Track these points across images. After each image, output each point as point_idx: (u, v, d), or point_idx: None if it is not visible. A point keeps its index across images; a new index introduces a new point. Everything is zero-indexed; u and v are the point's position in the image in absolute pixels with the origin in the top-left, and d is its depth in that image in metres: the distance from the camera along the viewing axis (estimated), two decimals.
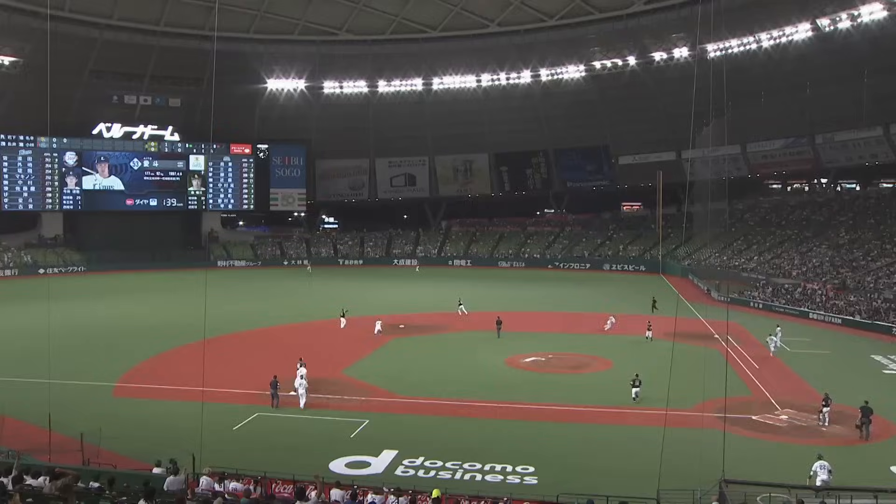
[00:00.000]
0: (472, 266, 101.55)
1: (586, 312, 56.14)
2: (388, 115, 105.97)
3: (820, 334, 47.22)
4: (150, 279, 78.70)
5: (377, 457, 23.02)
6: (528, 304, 61.50)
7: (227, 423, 26.31)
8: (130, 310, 55.92)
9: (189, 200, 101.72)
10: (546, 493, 18.00)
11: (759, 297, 61.59)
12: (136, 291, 68.54)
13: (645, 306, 55.83)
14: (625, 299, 60.94)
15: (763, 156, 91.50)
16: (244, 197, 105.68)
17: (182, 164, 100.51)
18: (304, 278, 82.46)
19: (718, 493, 16.61)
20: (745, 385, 32.47)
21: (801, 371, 35.49)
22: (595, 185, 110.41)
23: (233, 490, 16.50)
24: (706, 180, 66.56)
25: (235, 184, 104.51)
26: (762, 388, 31.88)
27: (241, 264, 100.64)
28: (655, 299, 57.18)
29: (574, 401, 30.07)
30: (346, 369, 35.76)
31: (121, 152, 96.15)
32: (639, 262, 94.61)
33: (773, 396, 29.98)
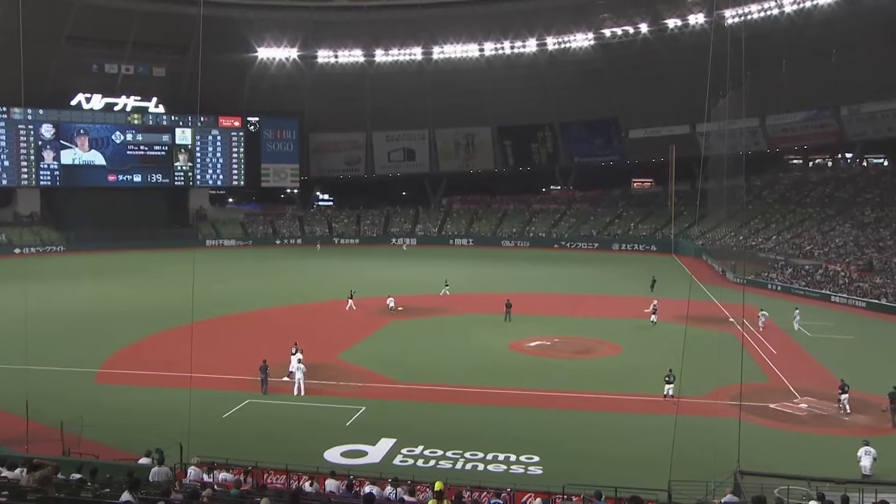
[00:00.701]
0: (474, 245, 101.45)
1: (594, 294, 56.16)
2: (386, 86, 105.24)
3: (843, 318, 47.18)
4: (134, 259, 78.71)
5: (374, 445, 23.05)
6: (532, 285, 61.44)
7: (217, 411, 26.33)
8: (113, 292, 55.92)
9: (175, 176, 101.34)
10: (551, 483, 18.04)
11: (778, 278, 61.49)
12: (119, 272, 68.53)
13: (658, 289, 55.75)
14: (635, 280, 60.88)
15: (783, 129, 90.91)
16: (234, 172, 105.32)
17: (167, 138, 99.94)
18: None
19: (733, 485, 16.59)
20: (762, 371, 32.45)
21: (822, 357, 35.47)
22: (604, 160, 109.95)
23: (222, 481, 16.52)
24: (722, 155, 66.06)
25: (224, 159, 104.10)
26: (780, 375, 31.86)
27: (231, 243, 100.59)
28: (655, 279, 57.43)
29: (581, 387, 30.10)
30: (341, 353, 35.79)
31: (101, 125, 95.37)
32: (650, 241, 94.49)
33: (792, 383, 29.97)
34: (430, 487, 17.27)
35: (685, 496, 16.17)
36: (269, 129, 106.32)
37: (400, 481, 17.42)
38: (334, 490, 16.94)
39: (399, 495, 16.58)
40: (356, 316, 46.00)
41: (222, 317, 45.16)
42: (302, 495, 15.58)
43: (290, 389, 29.11)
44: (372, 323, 43.78)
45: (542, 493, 17.56)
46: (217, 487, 15.14)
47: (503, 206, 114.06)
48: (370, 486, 17.02)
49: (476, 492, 17.82)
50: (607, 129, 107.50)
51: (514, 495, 17.58)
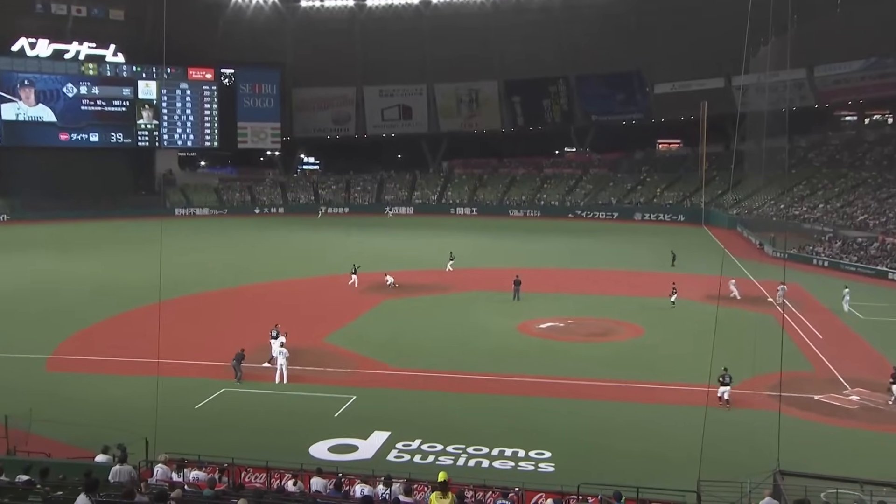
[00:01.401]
0: (478, 215, 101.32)
1: (613, 270, 56.08)
2: (379, 34, 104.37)
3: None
4: (91, 230, 78.63)
5: (366, 439, 23.05)
6: (543, 259, 61.32)
7: (188, 401, 26.30)
8: (66, 267, 55.86)
9: (139, 136, 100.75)
10: (565, 482, 18.01)
11: (825, 252, 61.36)
12: (73, 245, 68.45)
13: (683, 264, 55.73)
14: (659, 255, 60.79)
15: (835, 81, 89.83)
16: (206, 132, 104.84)
17: (129, 92, 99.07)
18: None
19: (772, 487, 16.54)
20: (806, 358, 32.35)
21: (877, 342, 35.37)
22: (625, 119, 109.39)
23: (194, 480, 16.49)
24: (762, 112, 65.54)
25: (195, 116, 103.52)
26: (827, 363, 31.75)
27: (204, 212, 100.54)
28: (675, 253, 57.43)
29: (598, 374, 30.06)
30: (328, 336, 35.77)
31: (50, 75, 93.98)
32: (677, 210, 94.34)
33: (841, 372, 29.88)
34: (428, 486, 17.27)
35: (716, 498, 16.12)
36: (245, 83, 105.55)
37: (394, 479, 17.41)
38: (321, 490, 16.92)
39: (394, 495, 16.56)
40: (345, 294, 45.92)
41: (194, 295, 45.07)
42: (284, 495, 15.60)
43: (272, 377, 29.08)
44: (363, 301, 43.73)
45: (554, 494, 17.52)
46: (188, 488, 15.11)
47: (511, 171, 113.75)
48: (361, 486, 16.99)
49: (480, 491, 17.80)
50: (629, 83, 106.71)
51: (523, 495, 17.55)
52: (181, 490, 13.94)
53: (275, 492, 16.41)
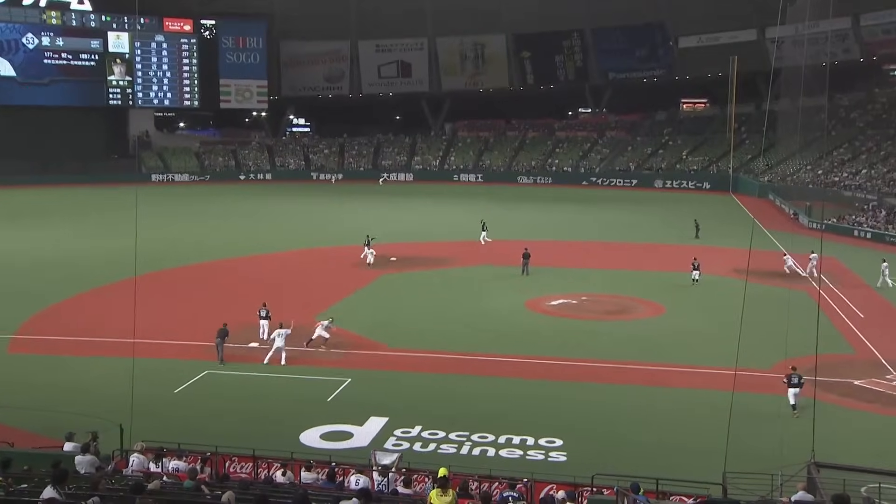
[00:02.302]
0: (484, 182, 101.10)
1: (631, 243, 56.04)
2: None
3: None
4: (58, 198, 78.55)
5: (361, 426, 23.09)
6: (555, 231, 61.27)
7: (167, 385, 26.32)
8: (31, 238, 55.75)
9: (110, 94, 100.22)
10: (578, 472, 18.02)
11: (868, 223, 61.18)
12: (38, 214, 68.40)
13: (708, 236, 55.61)
14: (682, 226, 60.67)
15: (884, 30, 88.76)
16: (185, 90, 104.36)
17: (98, 44, 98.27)
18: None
19: (806, 480, 16.53)
20: (845, 339, 32.30)
21: None
22: (646, 77, 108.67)
23: (173, 470, 16.53)
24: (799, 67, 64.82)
25: (173, 72, 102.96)
26: (868, 344, 31.63)
27: (183, 178, 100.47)
28: (699, 224, 57.31)
29: (615, 356, 30.07)
30: (320, 314, 35.73)
31: (7, 24, 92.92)
32: (702, 177, 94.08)
33: (885, 355, 29.76)
34: (429, 476, 17.31)
35: (744, 491, 16.09)
36: (228, 36, 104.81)
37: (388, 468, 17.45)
38: (312, 480, 16.98)
39: (391, 486, 16.61)
40: (338, 268, 45.92)
41: (173, 269, 45.05)
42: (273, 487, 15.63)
43: (259, 358, 29.12)
44: (358, 276, 43.73)
45: (565, 485, 17.57)
46: (167, 479, 15.13)
47: (520, 135, 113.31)
48: (356, 476, 17.04)
49: (485, 482, 17.85)
50: (651, 36, 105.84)
51: (532, 487, 17.59)
52: (160, 481, 13.96)
53: (262, 482, 16.45)
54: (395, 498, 15.56)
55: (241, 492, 13.14)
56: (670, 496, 16.88)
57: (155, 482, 13.65)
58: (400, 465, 18.36)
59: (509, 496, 16.11)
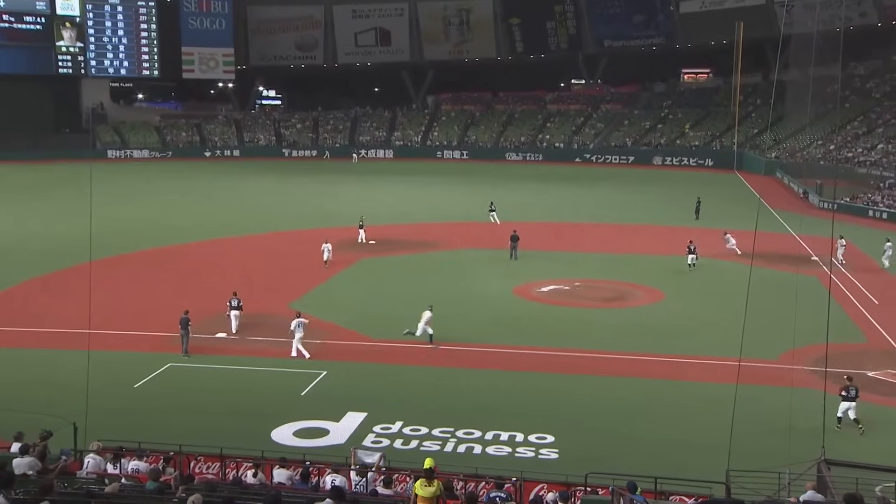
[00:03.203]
0: (470, 159, 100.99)
1: (627, 224, 56.21)
2: None
3: None
4: (4, 176, 77.62)
5: (338, 422, 23.15)
6: (545, 212, 61.39)
7: (126, 379, 26.21)
8: None
9: (59, 61, 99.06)
10: (570, 471, 18.09)
11: (884, 202, 61.56)
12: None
13: (710, 217, 55.82)
14: (682, 206, 60.90)
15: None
16: (143, 58, 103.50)
17: (43, 6, 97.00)
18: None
19: (815, 479, 16.65)
20: (858, 328, 32.53)
21: None
22: (644, 45, 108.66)
23: (133, 471, 16.46)
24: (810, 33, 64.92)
25: (129, 39, 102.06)
26: (884, 333, 31.89)
27: (143, 155, 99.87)
28: (700, 203, 57.54)
29: (611, 346, 30.22)
30: (293, 302, 35.72)
31: None
32: (704, 153, 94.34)
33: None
34: (411, 475, 17.35)
35: (749, 491, 16.20)
36: (190, 0, 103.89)
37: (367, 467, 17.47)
38: (285, 481, 16.97)
39: (370, 486, 16.62)
40: (314, 253, 45.83)
41: (132, 253, 44.85)
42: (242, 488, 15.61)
43: (228, 349, 29.09)
44: (336, 260, 43.59)
45: (557, 485, 17.64)
46: (126, 480, 15.06)
47: (508, 108, 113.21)
48: (332, 475, 17.04)
49: (471, 481, 17.90)
50: (650, 1, 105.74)
51: (522, 486, 17.65)
52: (118, 483, 13.89)
53: (231, 484, 16.41)
54: (375, 499, 15.56)
55: (207, 494, 13.10)
56: (670, 496, 16.98)
57: (113, 485, 13.58)
58: (383, 465, 18.38)
59: (497, 497, 16.15)
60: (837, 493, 15.17)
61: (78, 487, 13.52)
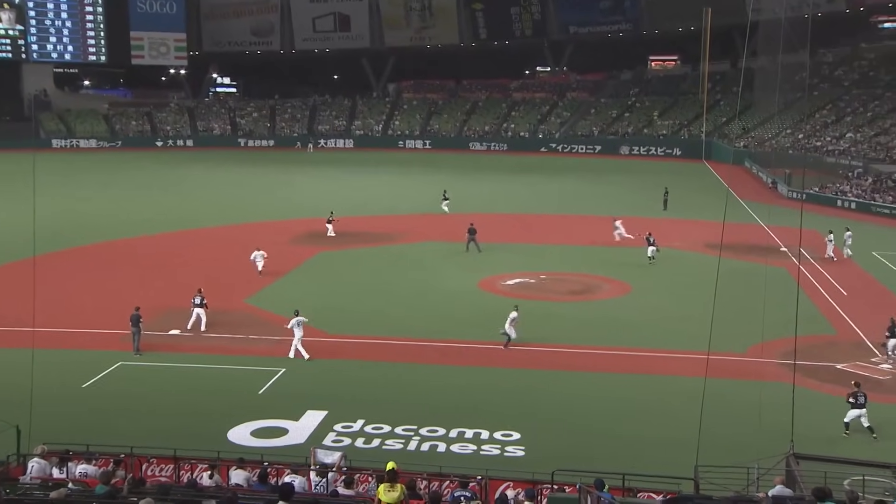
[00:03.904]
0: (432, 149, 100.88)
1: (594, 216, 56.46)
2: None
3: None
4: None
5: (297, 421, 23.11)
6: (510, 203, 61.57)
7: (73, 379, 25.93)
8: None
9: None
10: (537, 468, 18.20)
11: (852, 192, 62.45)
12: None
13: (678, 208, 56.33)
14: (651, 196, 61.35)
15: None
16: (90, 43, 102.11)
17: None
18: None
19: (784, 473, 16.89)
20: (826, 320, 32.99)
21: None
22: (611, 31, 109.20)
23: (81, 476, 16.29)
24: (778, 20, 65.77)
25: (74, 22, 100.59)
26: (852, 325, 32.31)
27: (90, 144, 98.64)
28: (668, 193, 58.05)
29: (578, 340, 30.36)
30: (249, 297, 35.59)
31: None
32: (672, 142, 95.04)
33: (870, 336, 30.38)
34: (373, 475, 17.35)
35: (718, 486, 16.38)
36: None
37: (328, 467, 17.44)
38: (242, 483, 16.89)
39: (330, 487, 16.59)
40: (270, 246, 45.59)
41: (79, 248, 44.39)
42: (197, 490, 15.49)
43: (181, 346, 28.92)
44: (293, 254, 43.47)
45: (523, 483, 17.72)
46: (73, 485, 14.88)
47: (472, 96, 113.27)
48: (291, 476, 16.99)
49: (435, 481, 17.92)
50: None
51: (487, 485, 17.69)
52: (65, 489, 13.72)
53: (185, 486, 16.29)
54: (335, 500, 15.53)
55: (160, 497, 12.99)
56: (638, 493, 17.11)
57: (59, 490, 13.42)
58: (343, 465, 18.35)
59: (461, 496, 16.18)
60: (806, 488, 15.40)
61: (21, 493, 13.33)
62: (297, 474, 17.24)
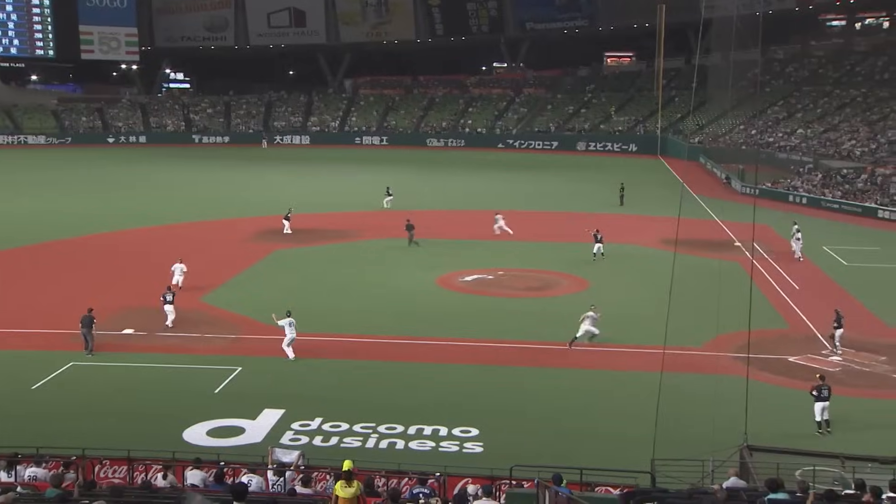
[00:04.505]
0: (389, 145, 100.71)
1: (551, 212, 56.90)
2: None
3: (894, 241, 48.86)
4: None
5: (254, 420, 22.98)
6: (468, 199, 61.68)
7: (22, 381, 25.58)
8: None
9: None
10: (495, 464, 18.27)
11: (803, 187, 63.39)
12: None
13: (634, 203, 56.77)
14: (607, 191, 61.78)
15: None
16: (37, 37, 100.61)
17: None
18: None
19: (738, 465, 17.13)
20: (779, 314, 33.49)
21: (863, 294, 36.65)
22: (567, 28, 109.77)
23: (30, 479, 16.07)
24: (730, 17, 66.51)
25: (20, 15, 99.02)
26: (804, 318, 32.83)
27: (39, 141, 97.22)
28: (624, 189, 58.86)
29: (535, 336, 30.49)
30: (205, 295, 35.31)
31: None
32: (628, 139, 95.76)
33: (821, 329, 30.89)
34: (331, 473, 17.31)
35: (674, 479, 16.58)
36: None
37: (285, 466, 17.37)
38: (199, 483, 16.77)
39: (288, 485, 16.53)
40: (225, 244, 45.32)
41: (29, 247, 43.90)
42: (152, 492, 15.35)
43: (134, 346, 28.64)
44: (248, 252, 43.20)
45: (482, 479, 17.77)
46: (22, 489, 14.67)
47: (429, 92, 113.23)
48: (248, 476, 16.92)
49: (394, 478, 17.94)
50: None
51: (445, 482, 17.74)
52: (13, 493, 13.52)
53: (139, 488, 16.13)
54: (293, 499, 15.47)
55: (113, 499, 12.84)
56: (595, 487, 17.24)
57: (7, 494, 13.21)
58: (301, 464, 18.29)
59: (420, 493, 16.23)
60: (759, 479, 15.64)
61: None
62: (254, 474, 17.17)
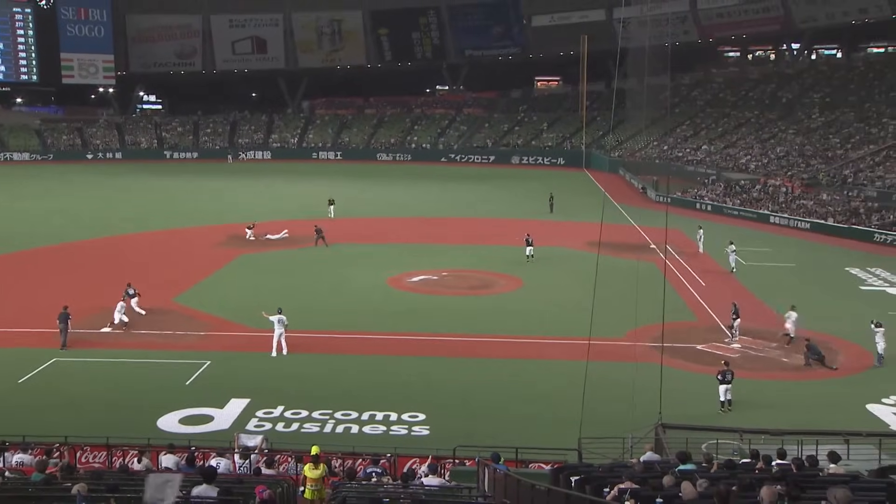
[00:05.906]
0: (343, 160, 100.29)
1: (489, 218, 57.06)
2: None
3: (783, 243, 50.04)
4: None
5: (222, 408, 22.78)
6: (413, 208, 61.66)
7: (9, 375, 25.12)
8: None
9: None
10: (440, 445, 18.35)
11: (708, 196, 64.49)
12: None
13: (563, 210, 57.19)
14: (538, 200, 62.13)
15: (718, 14, 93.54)
16: (21, 64, 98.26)
17: None
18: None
19: (654, 441, 17.42)
20: (688, 307, 34.12)
21: (758, 289, 37.51)
22: (501, 54, 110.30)
23: (17, 464, 15.73)
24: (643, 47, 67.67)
25: (6, 44, 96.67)
26: (710, 311, 33.50)
27: (23, 157, 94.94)
28: (553, 198, 59.23)
29: (476, 330, 30.62)
30: (177, 296, 34.83)
31: None
32: (557, 153, 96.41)
33: (724, 321, 31.55)
34: (292, 456, 17.25)
35: (598, 455, 16.79)
36: (68, 7, 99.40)
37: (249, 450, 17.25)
38: (172, 466, 16.53)
39: (253, 467, 16.41)
40: (194, 249, 44.74)
41: (13, 253, 43.06)
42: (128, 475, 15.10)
43: (112, 343, 28.12)
44: (215, 257, 42.68)
45: (429, 459, 17.81)
46: (10, 474, 14.36)
47: (378, 112, 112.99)
48: (217, 459, 16.74)
49: (349, 459, 17.93)
50: (506, 14, 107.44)
51: (396, 461, 17.79)
52: (2, 477, 13.22)
53: (117, 471, 15.86)
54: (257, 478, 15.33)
55: (93, 482, 12.59)
56: (529, 464, 17.38)
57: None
58: (265, 447, 18.15)
59: (373, 472, 16.21)
60: (671, 453, 15.92)
61: None
62: (222, 457, 17.03)
